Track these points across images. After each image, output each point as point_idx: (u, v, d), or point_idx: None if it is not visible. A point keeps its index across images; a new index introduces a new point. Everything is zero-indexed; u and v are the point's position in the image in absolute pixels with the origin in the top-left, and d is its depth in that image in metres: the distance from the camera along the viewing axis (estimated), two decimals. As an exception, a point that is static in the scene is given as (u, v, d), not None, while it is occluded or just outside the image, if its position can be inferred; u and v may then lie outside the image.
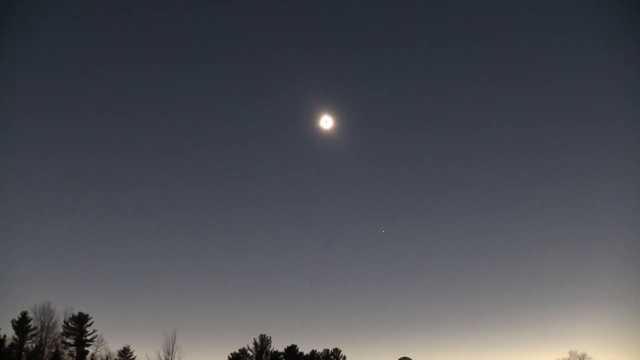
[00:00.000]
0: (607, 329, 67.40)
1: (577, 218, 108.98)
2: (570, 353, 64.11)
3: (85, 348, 65.09)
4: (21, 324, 59.97)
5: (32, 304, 61.39)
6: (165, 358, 58.26)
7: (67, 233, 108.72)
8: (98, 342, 65.89)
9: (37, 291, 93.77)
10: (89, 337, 65.81)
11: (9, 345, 57.50)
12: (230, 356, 75.26)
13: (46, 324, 60.03)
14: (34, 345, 59.31)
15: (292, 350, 77.92)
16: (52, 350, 60.34)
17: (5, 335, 58.17)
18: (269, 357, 75.54)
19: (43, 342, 59.14)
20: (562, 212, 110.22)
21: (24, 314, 60.51)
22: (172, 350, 58.18)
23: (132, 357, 68.78)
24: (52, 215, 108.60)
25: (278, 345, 77.36)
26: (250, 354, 75.72)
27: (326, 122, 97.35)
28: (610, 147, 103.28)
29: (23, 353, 58.30)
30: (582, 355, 62.56)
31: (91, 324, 66.35)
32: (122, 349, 68.62)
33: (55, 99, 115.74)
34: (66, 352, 63.26)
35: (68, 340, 64.48)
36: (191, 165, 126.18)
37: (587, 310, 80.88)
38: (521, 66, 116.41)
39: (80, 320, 65.67)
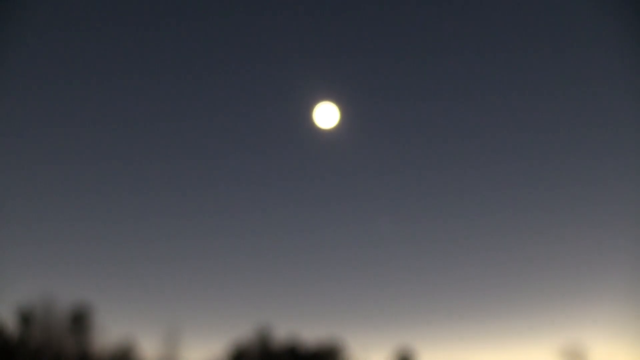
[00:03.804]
0: (609, 319, 68.00)
1: (578, 205, 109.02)
2: (566, 343, 65.00)
3: (88, 338, 66.18)
4: (23, 315, 60.82)
5: (35, 295, 62.34)
6: (167, 345, 59.48)
7: (70, 223, 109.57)
8: (101, 331, 67.00)
9: (40, 281, 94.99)
10: (91, 327, 66.86)
11: (9, 337, 58.58)
12: (232, 343, 76.61)
13: (49, 314, 61.00)
14: (36, 336, 60.34)
15: (294, 339, 79.28)
16: (55, 341, 61.45)
17: (8, 328, 59.22)
18: (271, 346, 76.94)
19: (46, 332, 60.21)
20: (564, 198, 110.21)
21: (26, 305, 61.31)
22: (174, 337, 59.36)
23: (135, 345, 70.01)
24: (53, 206, 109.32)
25: (281, 332, 78.49)
26: (253, 341, 77.05)
27: (326, 113, 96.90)
28: (613, 145, 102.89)
29: (26, 344, 59.43)
30: (579, 346, 63.43)
31: (94, 313, 67.33)
32: (124, 337, 69.78)
33: (63, 91, 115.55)
34: (69, 342, 64.44)
35: (71, 330, 65.52)
36: (192, 151, 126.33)
37: (587, 299, 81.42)
38: (532, 66, 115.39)
39: (83, 310, 66.62)
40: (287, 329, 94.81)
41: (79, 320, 66.54)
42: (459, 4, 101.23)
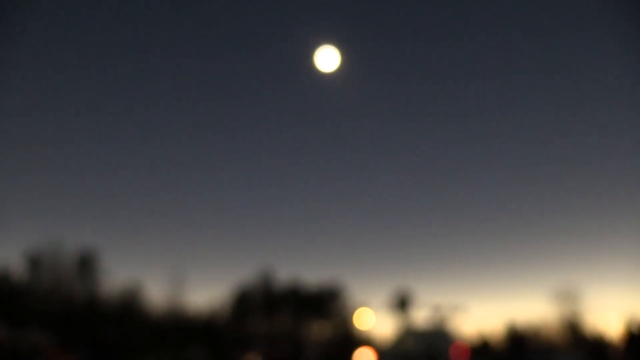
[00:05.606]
0: (603, 265, 69.20)
1: (578, 155, 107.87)
2: (560, 287, 66.49)
3: (95, 281, 67.89)
4: (32, 260, 62.10)
5: (43, 240, 63.43)
6: (173, 288, 61.41)
7: (77, 169, 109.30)
8: (107, 275, 68.62)
9: (48, 227, 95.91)
10: (98, 271, 68.44)
11: (19, 281, 60.00)
12: (236, 286, 78.78)
13: (57, 258, 62.28)
14: (44, 280, 61.85)
15: (296, 281, 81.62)
16: (63, 285, 63.00)
17: (17, 272, 60.50)
18: (274, 288, 79.21)
19: (54, 276, 61.64)
20: (564, 146, 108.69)
21: (34, 250, 62.47)
22: (180, 280, 61.22)
23: (141, 288, 71.92)
24: (61, 153, 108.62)
25: (283, 274, 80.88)
26: (256, 283, 79.34)
27: (328, 56, 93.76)
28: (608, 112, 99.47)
29: (34, 288, 60.92)
30: (572, 290, 64.99)
31: (101, 257, 68.77)
32: (131, 281, 71.57)
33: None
34: (76, 285, 66.08)
35: (78, 274, 67.09)
36: (194, 96, 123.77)
37: (582, 245, 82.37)
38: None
39: (90, 254, 67.94)
40: (289, 271, 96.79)
41: (86, 265, 67.92)
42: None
